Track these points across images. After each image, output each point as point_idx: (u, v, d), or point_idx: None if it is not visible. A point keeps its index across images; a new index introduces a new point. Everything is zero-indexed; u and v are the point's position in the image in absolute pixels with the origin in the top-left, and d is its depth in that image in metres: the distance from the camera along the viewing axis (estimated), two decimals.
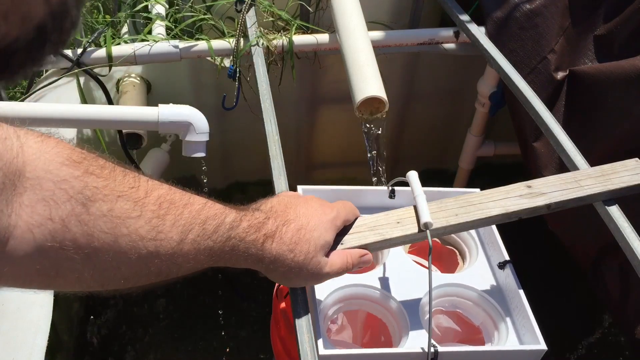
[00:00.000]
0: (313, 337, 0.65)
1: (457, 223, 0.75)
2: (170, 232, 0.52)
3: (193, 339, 1.69)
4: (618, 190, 0.84)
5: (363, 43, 1.11)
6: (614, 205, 0.86)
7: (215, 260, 0.58)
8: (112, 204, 0.48)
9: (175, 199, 0.54)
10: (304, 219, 0.65)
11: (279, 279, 0.66)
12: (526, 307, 0.82)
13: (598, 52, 1.21)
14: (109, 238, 0.48)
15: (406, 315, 0.82)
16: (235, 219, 0.58)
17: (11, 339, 0.87)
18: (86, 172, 0.47)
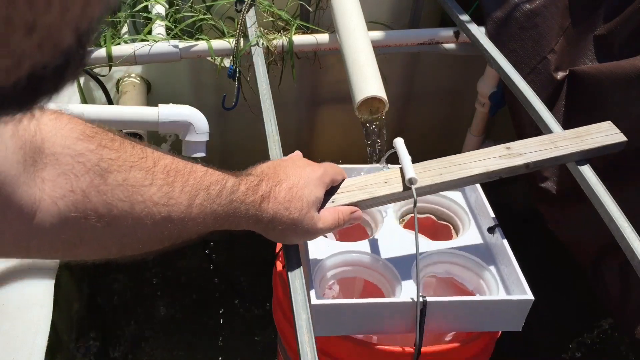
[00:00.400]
0: (313, 337, 0.65)
1: (441, 182, 0.79)
2: (179, 198, 0.56)
3: (193, 338, 1.69)
4: (591, 150, 0.88)
5: (363, 43, 1.11)
6: (585, 164, 0.90)
7: (220, 223, 0.62)
8: (126, 174, 0.51)
9: (180, 167, 0.57)
10: (294, 177, 0.68)
11: (277, 237, 0.69)
12: (513, 262, 0.85)
13: (598, 52, 1.21)
14: (126, 206, 0.52)
15: (399, 277, 0.85)
16: (235, 183, 0.62)
17: (11, 339, 0.87)
18: (100, 146, 0.50)
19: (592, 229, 1.07)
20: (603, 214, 0.87)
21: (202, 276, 1.75)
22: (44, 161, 0.47)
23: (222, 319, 1.72)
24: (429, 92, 1.63)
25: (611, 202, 0.87)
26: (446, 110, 1.69)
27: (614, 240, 0.85)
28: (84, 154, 0.49)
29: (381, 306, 0.78)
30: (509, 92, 1.13)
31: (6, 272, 0.96)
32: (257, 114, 1.01)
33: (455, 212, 0.99)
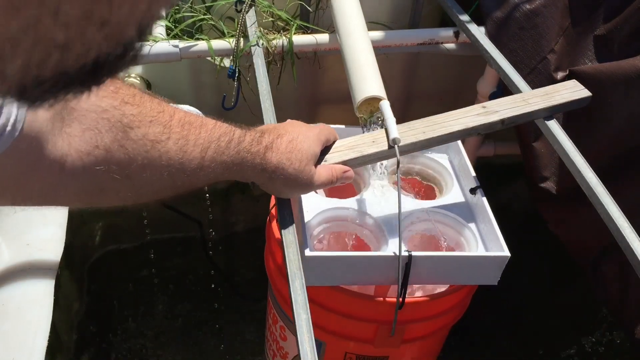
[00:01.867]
0: (313, 337, 0.65)
1: (425, 139, 0.85)
2: (193, 151, 0.60)
3: (193, 338, 1.69)
4: (559, 106, 0.96)
5: (363, 43, 1.10)
6: (552, 120, 0.97)
7: (229, 173, 0.66)
8: (146, 129, 0.55)
9: (192, 120, 0.60)
10: (293, 133, 0.73)
11: (278, 189, 0.74)
12: (492, 221, 0.91)
13: (598, 52, 1.21)
14: (145, 159, 0.55)
15: (386, 232, 0.91)
16: (241, 135, 0.66)
17: (11, 339, 0.87)
18: (122, 102, 0.53)
19: (592, 229, 1.07)
20: (603, 214, 0.87)
21: (202, 275, 1.75)
22: (71, 117, 0.50)
23: (222, 318, 1.72)
24: (429, 92, 1.63)
25: (611, 202, 0.87)
26: (446, 110, 1.68)
27: (614, 240, 0.85)
28: (108, 110, 0.52)
29: (370, 259, 0.85)
30: (509, 92, 1.13)
31: (6, 272, 0.96)
32: (257, 114, 1.01)
33: (440, 173, 1.06)
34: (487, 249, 0.92)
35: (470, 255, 0.89)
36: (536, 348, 1.67)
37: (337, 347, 1.02)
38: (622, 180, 1.11)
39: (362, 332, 0.97)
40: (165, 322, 1.71)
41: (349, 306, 0.94)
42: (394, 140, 0.83)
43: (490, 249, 0.91)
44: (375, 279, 0.88)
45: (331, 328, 0.98)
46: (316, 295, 0.93)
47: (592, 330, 1.65)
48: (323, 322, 0.97)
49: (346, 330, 0.98)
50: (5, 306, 0.91)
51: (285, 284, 0.98)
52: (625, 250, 0.83)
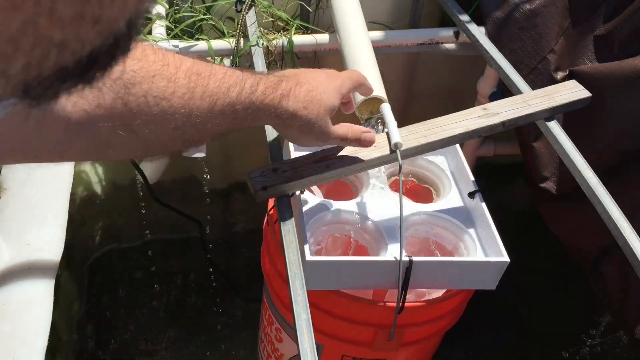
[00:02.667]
0: (313, 337, 0.65)
1: (426, 142, 0.85)
2: (200, 104, 0.58)
3: (192, 338, 1.69)
4: (560, 107, 0.96)
5: (363, 43, 1.10)
6: (552, 120, 0.97)
7: (240, 122, 0.65)
8: (149, 84, 0.54)
9: (200, 70, 0.59)
10: (314, 83, 0.71)
11: (294, 136, 0.73)
12: (491, 227, 0.91)
13: (598, 52, 1.21)
14: (149, 115, 0.55)
15: (385, 236, 0.91)
16: (253, 83, 0.64)
17: (11, 339, 0.87)
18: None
19: (592, 229, 1.07)
20: (603, 214, 0.87)
21: (202, 276, 1.75)
22: None
23: (223, 317, 1.72)
24: (429, 92, 1.63)
25: (611, 202, 0.87)
26: (446, 110, 1.68)
27: (614, 240, 0.85)
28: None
29: (370, 264, 0.85)
30: (509, 92, 1.13)
31: (6, 272, 0.96)
32: None
33: (437, 175, 1.05)
34: (486, 254, 0.92)
35: (469, 260, 0.89)
36: (536, 348, 1.67)
37: (334, 350, 1.02)
38: (622, 180, 1.11)
39: (361, 335, 0.97)
40: (164, 322, 1.71)
41: (348, 310, 0.94)
42: (396, 145, 0.82)
43: (490, 254, 0.91)
44: (375, 283, 0.88)
45: (329, 331, 0.98)
46: (314, 298, 0.93)
47: (592, 330, 1.65)
48: (321, 325, 0.97)
49: (344, 334, 0.98)
50: (5, 306, 0.91)
51: (282, 286, 0.99)
52: (625, 250, 0.83)
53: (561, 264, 1.64)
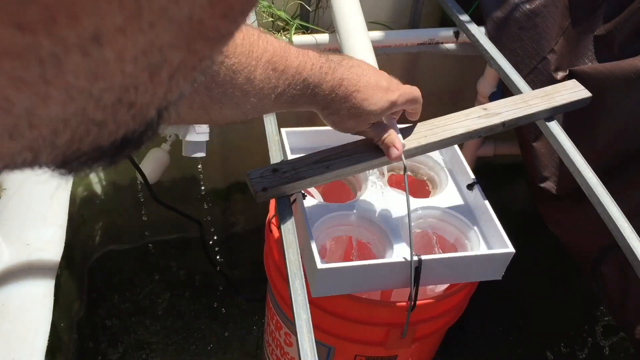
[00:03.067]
0: (313, 337, 0.65)
1: (427, 143, 0.85)
2: (269, 95, 0.65)
3: (193, 337, 1.69)
4: (560, 107, 0.96)
5: (363, 43, 1.10)
6: (552, 120, 0.98)
7: (295, 106, 0.71)
8: (234, 79, 0.61)
9: (277, 64, 0.65)
10: (370, 91, 0.74)
11: (334, 123, 0.76)
12: (493, 218, 0.91)
13: (598, 52, 1.21)
14: (224, 102, 0.62)
15: (388, 234, 0.91)
16: (319, 81, 0.70)
17: (11, 339, 0.87)
18: (223, 56, 0.58)
19: (592, 229, 1.07)
20: (603, 214, 0.87)
21: (202, 276, 1.75)
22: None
23: (222, 318, 1.72)
24: (429, 92, 1.62)
25: (611, 202, 0.87)
26: (446, 110, 1.68)
27: (614, 240, 0.85)
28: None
29: (380, 267, 0.85)
30: (509, 92, 1.13)
31: (6, 272, 0.96)
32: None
33: (432, 168, 1.05)
34: (490, 245, 0.92)
35: (476, 254, 0.88)
36: (535, 348, 1.67)
37: (346, 351, 1.01)
38: (622, 180, 1.11)
39: (373, 335, 0.96)
40: (165, 322, 1.71)
41: (359, 312, 0.93)
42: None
43: (493, 245, 0.91)
44: (385, 284, 0.88)
45: (341, 333, 0.97)
46: (324, 302, 0.93)
47: (592, 330, 1.65)
48: (332, 328, 0.97)
49: (356, 335, 0.97)
50: (5, 306, 0.91)
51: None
52: (625, 250, 0.83)
53: (561, 264, 1.64)
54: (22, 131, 0.18)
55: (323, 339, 1.00)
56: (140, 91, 0.19)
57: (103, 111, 0.19)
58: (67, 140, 0.19)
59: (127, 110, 0.20)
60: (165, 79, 0.20)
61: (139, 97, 0.20)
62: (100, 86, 0.18)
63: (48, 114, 0.18)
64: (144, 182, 1.25)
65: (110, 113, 0.19)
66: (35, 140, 0.19)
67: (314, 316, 0.70)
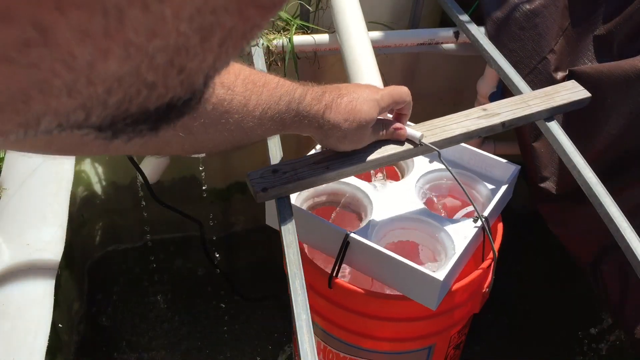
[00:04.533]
0: (313, 337, 0.65)
1: (427, 144, 0.85)
2: (253, 112, 0.63)
3: (193, 338, 1.70)
4: (559, 107, 0.97)
5: (363, 43, 1.10)
6: (552, 121, 0.98)
7: (286, 129, 0.70)
8: (211, 91, 0.58)
9: (255, 79, 0.63)
10: (355, 94, 0.75)
11: (332, 143, 0.77)
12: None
13: (598, 52, 1.21)
14: (208, 119, 0.59)
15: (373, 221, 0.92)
16: (302, 93, 0.68)
17: (11, 339, 0.87)
18: None
19: (592, 229, 1.07)
20: (603, 214, 0.87)
21: (202, 275, 1.75)
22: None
23: (222, 318, 1.72)
24: (429, 92, 1.63)
25: (611, 202, 0.87)
26: (446, 110, 1.68)
27: (614, 240, 0.85)
28: None
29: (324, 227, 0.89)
30: (509, 92, 1.13)
31: (6, 272, 0.96)
32: None
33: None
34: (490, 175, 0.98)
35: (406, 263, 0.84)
36: (535, 348, 1.67)
37: (444, 341, 1.03)
38: (622, 180, 1.11)
39: (461, 315, 0.99)
40: (164, 322, 1.71)
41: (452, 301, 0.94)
42: (420, 139, 0.84)
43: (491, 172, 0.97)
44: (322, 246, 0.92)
45: (436, 330, 0.99)
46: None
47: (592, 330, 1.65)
48: (430, 329, 0.98)
49: (449, 322, 0.99)
50: (6, 306, 0.91)
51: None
52: (625, 251, 0.83)
53: (561, 264, 1.64)
54: (80, 88, 0.18)
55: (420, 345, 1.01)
56: (191, 54, 0.19)
57: (155, 72, 0.19)
58: (119, 99, 0.19)
59: (177, 74, 0.20)
60: (215, 45, 0.20)
61: (189, 61, 0.20)
62: (156, 44, 0.18)
63: (106, 71, 0.18)
64: (144, 182, 1.25)
65: (161, 75, 0.19)
66: (90, 99, 0.19)
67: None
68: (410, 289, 0.87)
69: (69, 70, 0.17)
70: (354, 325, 0.97)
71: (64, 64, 0.17)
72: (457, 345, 1.10)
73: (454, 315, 0.98)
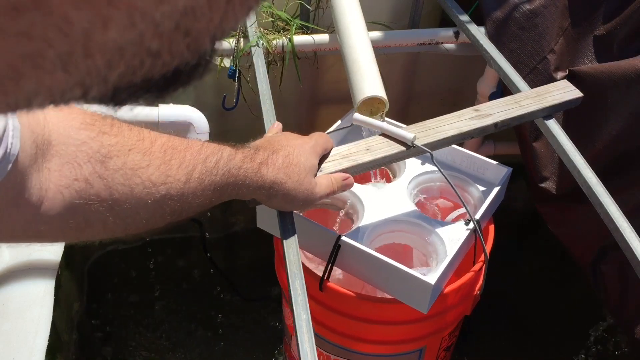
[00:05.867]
0: (313, 338, 0.65)
1: (419, 145, 0.85)
2: (177, 175, 0.58)
3: (193, 338, 1.70)
4: (552, 107, 0.96)
5: (363, 43, 1.10)
6: (551, 119, 0.98)
7: (221, 193, 0.64)
8: (125, 158, 0.54)
9: (176, 144, 0.59)
10: (289, 148, 0.72)
11: (280, 204, 0.73)
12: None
13: (598, 52, 1.21)
14: (126, 189, 0.54)
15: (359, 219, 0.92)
16: (231, 152, 0.64)
17: (11, 339, 0.87)
18: (100, 132, 0.52)
19: (592, 229, 1.07)
20: (603, 214, 0.87)
21: (202, 276, 1.75)
22: (51, 152, 0.49)
23: (222, 318, 1.72)
24: (429, 92, 1.63)
25: (611, 202, 0.87)
26: (446, 110, 1.67)
27: (614, 240, 0.85)
28: (86, 142, 0.51)
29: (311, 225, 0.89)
30: (509, 92, 1.13)
31: (6, 272, 0.96)
32: (257, 114, 1.01)
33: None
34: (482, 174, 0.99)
35: (397, 266, 0.84)
36: (535, 348, 1.67)
37: (434, 344, 1.04)
38: (621, 180, 1.11)
39: (453, 318, 0.99)
40: (164, 322, 1.71)
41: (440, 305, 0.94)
42: (413, 140, 0.84)
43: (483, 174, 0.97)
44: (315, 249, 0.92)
45: (427, 332, 0.99)
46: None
47: (592, 330, 1.65)
48: (421, 332, 0.98)
49: (440, 325, 0.99)
50: (6, 306, 0.91)
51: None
52: (625, 251, 0.83)
53: (561, 264, 1.64)
54: (77, 61, 0.16)
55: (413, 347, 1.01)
56: (198, 15, 0.18)
57: (160, 39, 0.18)
58: (120, 72, 0.18)
59: (183, 38, 0.18)
60: (222, 3, 0.18)
61: (196, 23, 0.18)
62: (164, 10, 0.16)
63: (106, 40, 0.16)
64: None
65: (166, 41, 0.18)
66: (88, 74, 0.17)
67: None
68: (402, 293, 0.86)
69: (64, 39, 0.15)
70: (345, 328, 0.97)
71: (59, 31, 0.15)
72: (447, 347, 1.10)
73: (445, 318, 0.98)
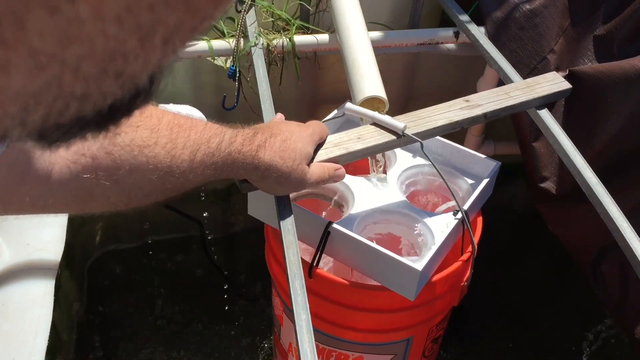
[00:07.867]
0: (313, 338, 0.65)
1: (409, 134, 0.86)
2: (182, 154, 0.60)
3: (193, 338, 1.69)
4: (541, 98, 0.99)
5: (363, 43, 1.10)
6: (543, 109, 1.00)
7: (220, 172, 0.66)
8: (133, 134, 0.55)
9: (181, 123, 0.60)
10: (287, 133, 0.73)
11: (270, 187, 0.75)
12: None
13: (598, 52, 1.21)
14: (133, 165, 0.55)
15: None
16: (232, 135, 0.66)
17: (11, 339, 0.87)
18: None
19: (592, 229, 1.07)
20: (603, 214, 0.87)
21: (202, 276, 1.75)
22: None
23: (222, 318, 1.72)
24: (429, 92, 1.63)
25: (611, 202, 0.87)
26: None
27: (614, 240, 0.85)
28: None
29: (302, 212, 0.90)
30: None
31: (6, 272, 0.96)
32: (257, 114, 1.01)
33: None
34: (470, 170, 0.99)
35: (385, 253, 0.85)
36: (535, 347, 1.67)
37: (422, 334, 1.04)
38: (621, 180, 1.11)
39: (441, 308, 0.99)
40: (164, 322, 1.71)
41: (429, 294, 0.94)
42: (403, 129, 0.85)
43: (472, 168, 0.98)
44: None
45: (416, 321, 0.99)
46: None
47: (592, 330, 1.65)
48: (409, 321, 0.98)
49: (428, 314, 0.99)
50: (6, 306, 0.91)
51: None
52: (625, 251, 0.83)
53: (561, 264, 1.64)
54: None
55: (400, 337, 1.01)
56: (130, 58, 0.17)
57: (85, 83, 0.16)
58: (41, 116, 0.17)
59: (115, 79, 0.17)
60: (159, 44, 0.17)
61: (128, 66, 0.17)
62: (76, 52, 0.15)
63: (10, 87, 0.15)
64: None
65: (93, 85, 0.17)
66: (1, 120, 0.16)
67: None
68: (390, 280, 0.87)
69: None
70: (333, 316, 0.97)
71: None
72: (435, 339, 1.10)
73: (433, 307, 0.98)
